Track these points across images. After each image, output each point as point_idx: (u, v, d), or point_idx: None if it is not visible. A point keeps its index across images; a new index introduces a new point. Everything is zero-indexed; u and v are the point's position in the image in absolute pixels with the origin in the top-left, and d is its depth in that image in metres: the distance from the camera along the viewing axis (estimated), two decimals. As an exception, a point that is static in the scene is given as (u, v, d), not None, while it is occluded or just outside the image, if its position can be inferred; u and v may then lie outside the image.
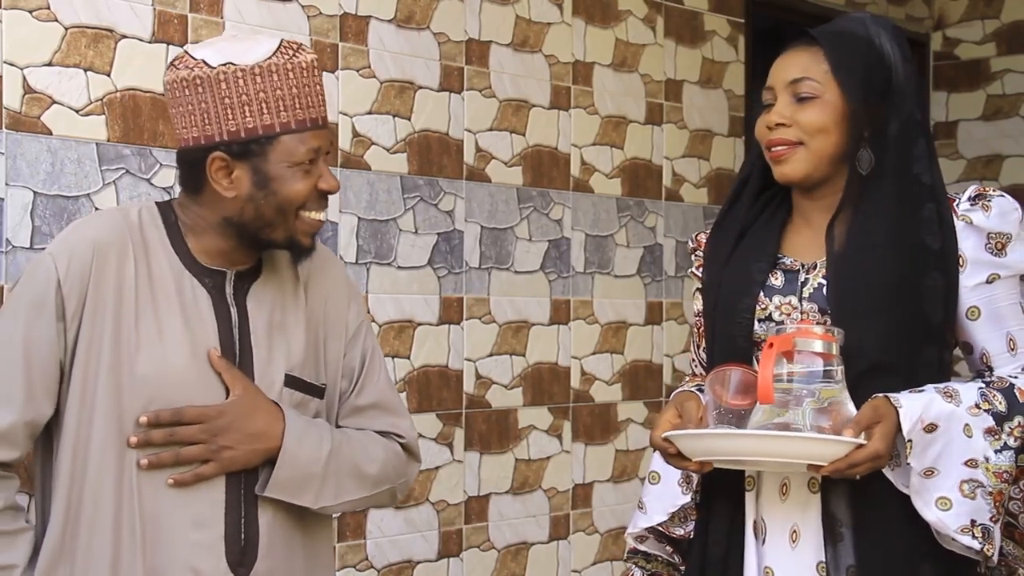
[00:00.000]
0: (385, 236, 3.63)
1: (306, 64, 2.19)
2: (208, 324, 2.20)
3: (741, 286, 2.27)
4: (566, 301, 4.13)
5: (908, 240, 2.20)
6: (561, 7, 4.11)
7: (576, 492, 4.17)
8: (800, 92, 2.23)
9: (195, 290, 2.21)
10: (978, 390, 2.17)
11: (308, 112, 2.19)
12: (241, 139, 2.16)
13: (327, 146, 2.24)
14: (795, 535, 2.21)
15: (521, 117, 3.99)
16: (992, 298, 2.23)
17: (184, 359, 2.16)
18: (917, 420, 2.10)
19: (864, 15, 2.32)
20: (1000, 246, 2.22)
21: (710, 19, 4.61)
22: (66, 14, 2.97)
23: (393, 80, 3.65)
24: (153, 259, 2.20)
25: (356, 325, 2.39)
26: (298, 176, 2.18)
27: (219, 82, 2.15)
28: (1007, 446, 2.15)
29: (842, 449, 2.04)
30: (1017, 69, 5.49)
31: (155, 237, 2.22)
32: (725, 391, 2.17)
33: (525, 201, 4.00)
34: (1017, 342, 2.24)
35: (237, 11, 3.28)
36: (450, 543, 3.81)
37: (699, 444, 2.13)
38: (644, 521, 2.39)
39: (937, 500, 2.12)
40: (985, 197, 2.24)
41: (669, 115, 4.47)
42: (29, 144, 2.91)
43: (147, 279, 2.18)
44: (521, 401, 4.00)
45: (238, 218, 2.19)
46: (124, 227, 2.20)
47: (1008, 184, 5.48)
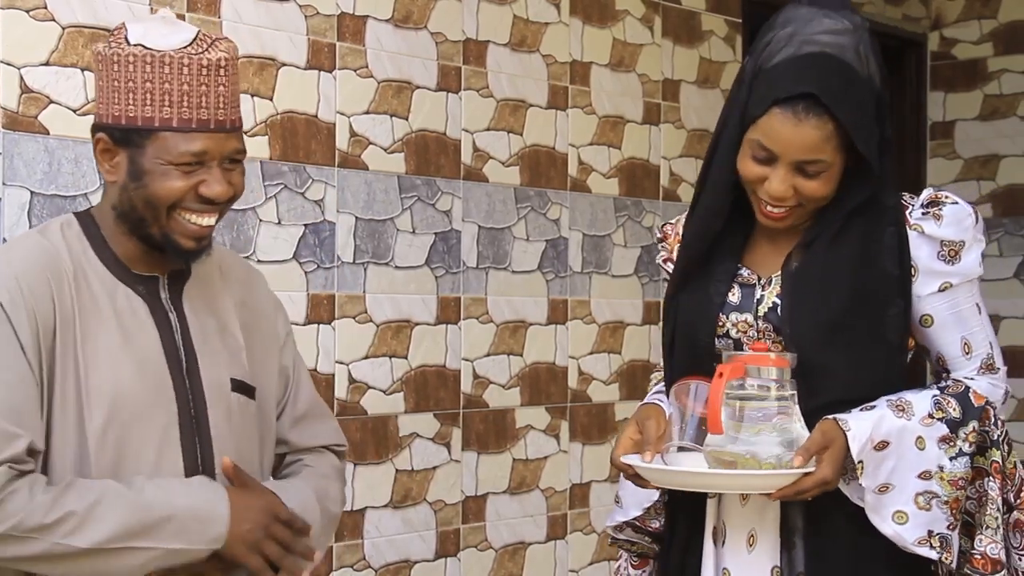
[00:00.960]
0: (382, 236, 3.63)
1: (208, 62, 2.09)
2: (149, 333, 2.14)
3: (701, 308, 2.27)
4: (563, 301, 4.13)
5: (869, 271, 2.20)
6: (558, 7, 4.11)
7: (573, 492, 4.17)
8: (808, 169, 2.16)
9: (131, 300, 2.14)
10: (932, 398, 2.19)
11: (197, 112, 2.08)
12: (121, 126, 2.08)
13: (222, 151, 2.11)
14: (752, 539, 2.24)
15: (518, 117, 3.99)
16: (944, 306, 2.23)
17: (131, 373, 2.10)
18: (866, 440, 2.11)
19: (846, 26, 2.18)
20: (953, 253, 2.22)
21: (707, 19, 4.61)
22: (63, 14, 2.97)
23: (390, 80, 3.65)
24: (85, 277, 2.12)
25: (285, 334, 2.35)
26: (173, 175, 2.08)
27: (117, 63, 2.07)
28: (962, 452, 2.17)
29: (790, 479, 2.08)
30: (1014, 69, 5.49)
31: (81, 252, 2.14)
32: (690, 401, 2.19)
33: (522, 201, 4.00)
34: (972, 345, 2.25)
35: (234, 11, 3.28)
36: (447, 543, 3.81)
37: (658, 476, 2.18)
38: (620, 515, 2.43)
39: (894, 514, 2.14)
40: (938, 204, 2.23)
41: (666, 115, 4.47)
42: (26, 144, 2.91)
43: (84, 298, 2.10)
44: (518, 401, 4.00)
45: (119, 207, 2.12)
46: (52, 249, 2.11)
47: (1005, 184, 5.49)
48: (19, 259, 2.09)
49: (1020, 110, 5.48)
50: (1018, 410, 5.38)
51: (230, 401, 2.20)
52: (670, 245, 2.43)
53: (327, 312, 3.51)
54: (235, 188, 2.14)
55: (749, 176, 2.20)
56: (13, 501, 1.99)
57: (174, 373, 2.15)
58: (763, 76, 2.18)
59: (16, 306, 2.03)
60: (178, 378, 2.15)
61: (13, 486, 1.99)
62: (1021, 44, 5.48)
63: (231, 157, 2.12)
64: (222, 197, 2.10)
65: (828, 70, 2.14)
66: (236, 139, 2.14)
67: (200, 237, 2.12)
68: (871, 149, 2.16)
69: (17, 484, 2.00)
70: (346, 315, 3.55)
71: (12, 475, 2.00)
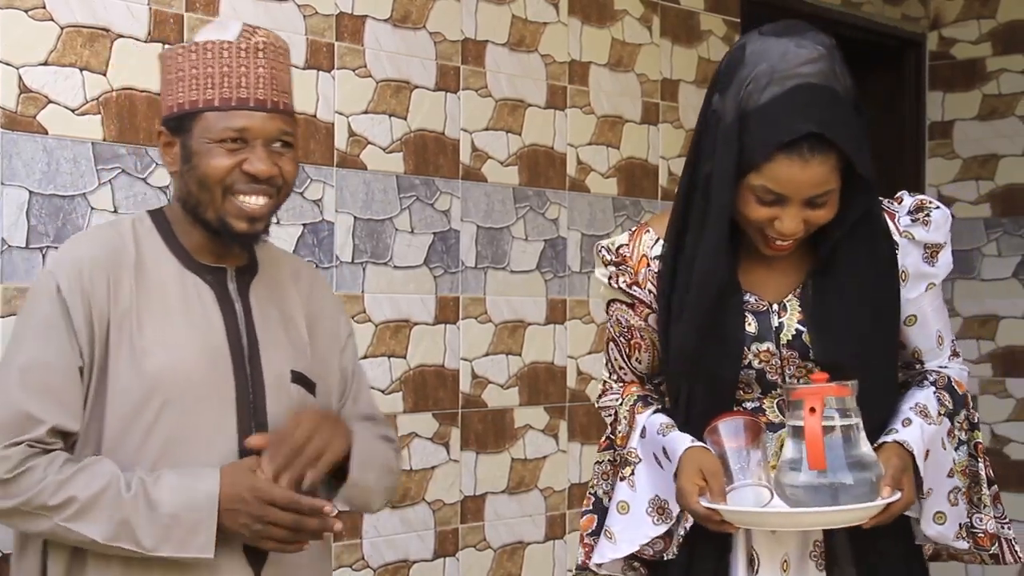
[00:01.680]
0: (381, 235, 3.63)
1: (247, 46, 2.21)
2: (214, 320, 2.23)
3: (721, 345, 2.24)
4: (562, 300, 4.13)
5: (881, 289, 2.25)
6: (557, 7, 4.11)
7: (572, 492, 4.17)
8: (817, 202, 2.16)
9: (199, 288, 2.24)
10: (934, 396, 2.28)
11: (236, 91, 2.20)
12: (174, 114, 2.22)
13: (267, 132, 2.21)
14: (785, 564, 2.25)
15: (517, 117, 3.99)
16: (927, 304, 2.33)
17: (193, 357, 2.19)
18: (922, 456, 2.20)
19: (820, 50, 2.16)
20: (934, 255, 2.30)
21: (706, 18, 4.61)
22: (62, 13, 2.97)
23: (389, 79, 3.65)
24: (153, 265, 2.22)
25: (346, 335, 2.43)
26: (217, 153, 2.20)
27: (171, 58, 2.24)
28: (961, 441, 2.29)
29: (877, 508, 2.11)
30: (1013, 69, 5.49)
31: (151, 243, 2.25)
32: (735, 441, 2.19)
33: (521, 201, 4.00)
34: (944, 336, 2.36)
35: (233, 10, 3.28)
36: (446, 543, 3.81)
37: (752, 519, 2.16)
38: (612, 552, 2.36)
39: (935, 516, 2.23)
40: (924, 211, 2.29)
41: (665, 115, 4.47)
42: (25, 143, 2.91)
43: (147, 286, 2.20)
44: (517, 400, 4.00)
45: (181, 195, 2.25)
46: (117, 240, 2.23)
47: (1004, 184, 5.49)
48: (84, 247, 2.22)
49: (1019, 110, 5.48)
50: (1017, 409, 5.38)
51: (290, 392, 2.27)
52: (634, 268, 2.37)
53: (326, 312, 3.51)
54: (283, 171, 2.24)
55: (757, 218, 2.18)
56: (27, 478, 2.10)
57: (236, 361, 2.23)
58: (754, 119, 2.14)
59: (73, 291, 2.15)
60: (239, 366, 2.23)
61: (30, 463, 2.10)
62: (1020, 44, 5.48)
63: (279, 139, 2.23)
64: (264, 174, 2.20)
65: (821, 103, 2.12)
66: (281, 121, 2.24)
67: (252, 218, 2.22)
68: (868, 167, 2.17)
69: (34, 462, 2.11)
70: (345, 315, 3.55)
71: (30, 453, 2.10)
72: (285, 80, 2.26)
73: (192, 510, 2.12)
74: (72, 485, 2.10)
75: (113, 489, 2.10)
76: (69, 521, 2.10)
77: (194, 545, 2.12)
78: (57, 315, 2.14)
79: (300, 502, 2.16)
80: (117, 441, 2.15)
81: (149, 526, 2.10)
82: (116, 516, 2.10)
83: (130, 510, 2.10)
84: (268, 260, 2.34)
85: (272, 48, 2.24)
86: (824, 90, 2.13)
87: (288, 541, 2.18)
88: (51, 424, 2.12)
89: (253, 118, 2.20)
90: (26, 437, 2.10)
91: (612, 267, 2.39)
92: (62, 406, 2.13)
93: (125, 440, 2.15)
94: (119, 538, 2.11)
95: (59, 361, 2.13)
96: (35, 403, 2.12)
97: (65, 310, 2.14)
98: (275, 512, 2.15)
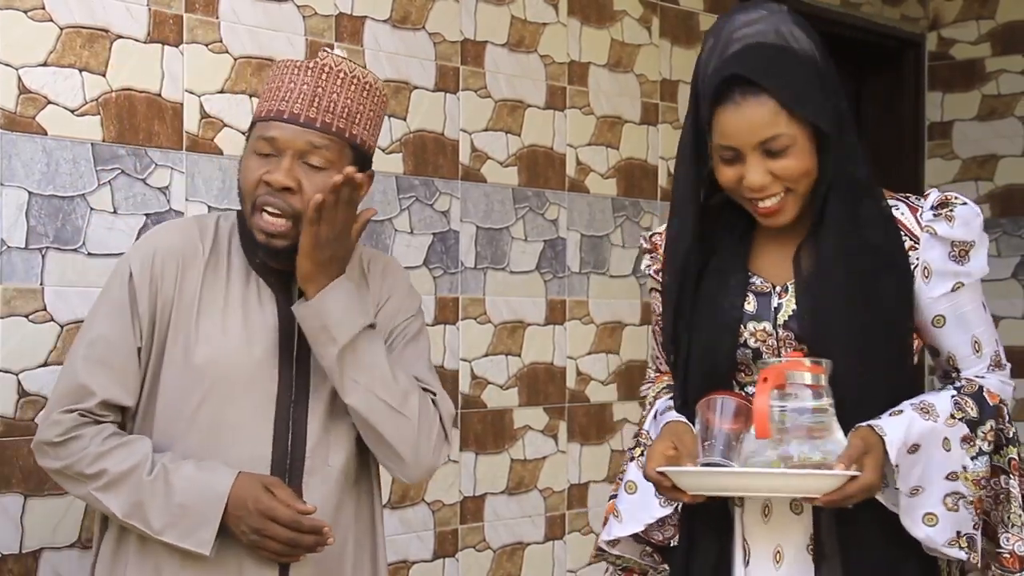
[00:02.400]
0: (381, 237, 3.63)
1: (307, 66, 2.30)
2: (270, 321, 2.31)
3: (719, 322, 2.26)
4: (561, 301, 4.13)
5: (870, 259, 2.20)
6: (556, 7, 4.11)
7: (572, 492, 4.17)
8: (772, 148, 2.17)
9: (260, 289, 2.33)
10: (951, 399, 2.20)
11: (279, 104, 2.28)
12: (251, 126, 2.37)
13: (297, 145, 2.27)
14: (779, 555, 2.24)
15: (516, 117, 3.99)
16: (957, 305, 2.25)
17: (239, 353, 2.28)
18: (901, 445, 2.13)
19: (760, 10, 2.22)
20: (963, 253, 2.23)
21: (706, 19, 4.61)
22: (61, 14, 2.97)
23: (389, 80, 3.65)
24: (225, 261, 2.34)
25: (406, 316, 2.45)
26: (251, 162, 2.30)
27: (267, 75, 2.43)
28: (982, 451, 2.19)
29: (836, 482, 2.07)
30: (1012, 69, 5.49)
31: (230, 241, 2.36)
32: (715, 416, 2.19)
33: (521, 201, 4.00)
34: (982, 343, 2.28)
35: (233, 11, 3.28)
36: (446, 543, 3.81)
37: (698, 481, 2.15)
38: (619, 530, 2.38)
39: (924, 517, 2.16)
40: (948, 206, 2.24)
41: (664, 115, 4.47)
42: (24, 144, 2.91)
43: (214, 280, 2.31)
44: (517, 401, 4.00)
45: None
46: (195, 233, 2.35)
47: (1003, 184, 5.49)
48: (163, 237, 2.37)
49: (1018, 110, 5.48)
50: (1018, 409, 5.38)
51: (337, 402, 2.33)
52: (660, 255, 2.42)
53: (325, 312, 3.51)
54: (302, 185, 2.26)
55: (728, 182, 2.21)
56: (74, 444, 2.26)
57: (282, 358, 2.31)
58: (702, 90, 2.23)
59: (143, 278, 2.30)
60: (285, 363, 2.31)
61: (79, 431, 2.26)
62: (1019, 44, 5.48)
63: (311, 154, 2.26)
64: (277, 184, 2.26)
65: (751, 55, 2.16)
66: (316, 136, 2.27)
67: (269, 233, 2.27)
68: (822, 117, 2.16)
69: (83, 430, 2.27)
70: (344, 315, 3.55)
71: (80, 421, 2.27)
72: (345, 106, 2.29)
73: (201, 503, 2.22)
74: (108, 458, 2.24)
75: (140, 469, 2.22)
76: (99, 491, 2.24)
77: (195, 538, 2.22)
78: (125, 299, 2.29)
79: (302, 523, 2.23)
80: (167, 423, 2.28)
81: (160, 510, 2.22)
82: (134, 496, 2.22)
83: (147, 493, 2.22)
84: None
85: (342, 74, 2.30)
86: (758, 45, 2.16)
87: (283, 554, 2.26)
88: (102, 397, 2.27)
89: (284, 129, 2.27)
90: (79, 406, 2.26)
91: (647, 255, 2.46)
92: (117, 382, 2.28)
93: (172, 424, 2.28)
94: (132, 516, 2.23)
95: (121, 340, 2.28)
96: (92, 376, 2.27)
97: (133, 295, 2.29)
98: (274, 528, 2.22)
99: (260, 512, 2.21)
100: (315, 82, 2.28)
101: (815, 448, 2.10)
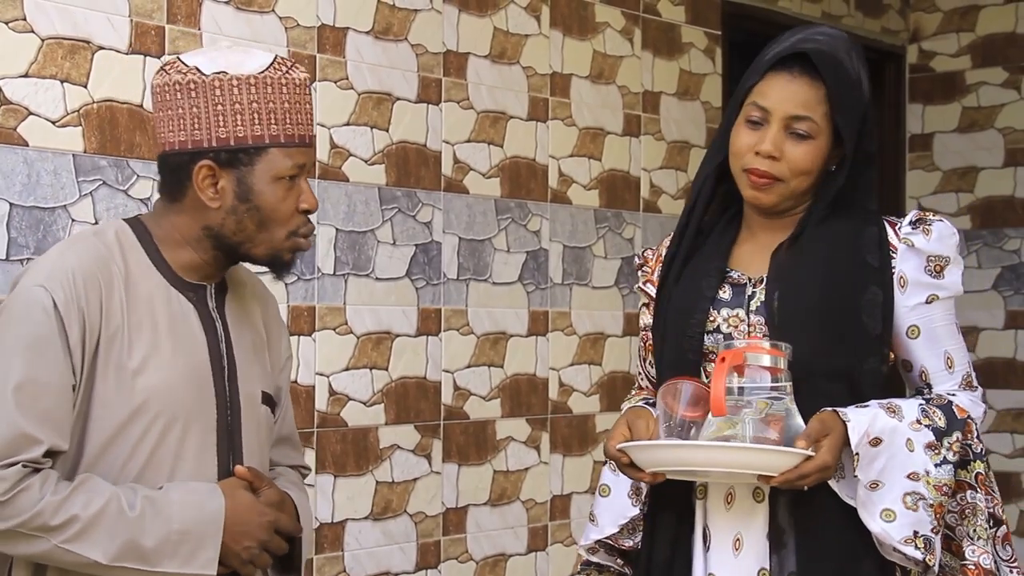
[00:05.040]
0: (363, 247, 3.62)
1: (299, 81, 2.21)
2: (198, 339, 2.21)
3: (691, 301, 2.33)
4: (544, 312, 4.13)
5: (849, 258, 2.27)
6: (539, 19, 4.12)
7: (554, 503, 4.17)
8: (798, 129, 2.26)
9: (182, 305, 2.20)
10: (919, 406, 2.24)
11: (297, 128, 2.20)
12: (230, 147, 2.15)
13: (310, 165, 2.25)
14: (738, 543, 2.26)
15: (499, 129, 4.00)
16: (930, 318, 2.30)
17: (181, 376, 2.16)
18: (864, 434, 2.16)
19: (840, 34, 2.33)
20: (938, 268, 2.29)
21: (687, 31, 4.62)
22: (42, 25, 2.97)
23: (371, 91, 3.65)
24: (138, 281, 2.17)
25: (286, 357, 2.43)
26: (279, 192, 2.18)
27: (213, 89, 2.15)
28: (946, 460, 2.22)
29: (792, 460, 2.11)
30: (992, 82, 5.52)
31: (135, 258, 2.19)
32: (677, 403, 2.22)
33: (503, 212, 4.01)
34: (954, 360, 2.32)
35: (214, 22, 3.27)
36: (428, 555, 3.81)
37: (652, 455, 2.18)
38: (595, 533, 2.42)
39: (882, 512, 2.18)
40: (925, 221, 2.32)
41: (646, 127, 4.48)
42: (5, 155, 2.91)
43: (135, 299, 2.16)
44: (499, 412, 4.00)
45: (219, 229, 2.18)
46: (104, 251, 2.16)
47: (983, 196, 5.51)
48: (75, 258, 2.14)
49: (998, 122, 5.50)
50: (996, 421, 5.40)
51: (259, 413, 2.28)
52: (651, 267, 2.48)
53: (308, 324, 3.51)
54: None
55: (741, 145, 2.29)
56: (24, 497, 2.05)
57: (217, 381, 2.22)
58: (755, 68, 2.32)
59: (70, 306, 2.09)
60: (220, 386, 2.22)
61: (25, 483, 2.05)
62: (999, 57, 5.51)
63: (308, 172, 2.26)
64: (315, 208, 2.24)
65: (824, 52, 2.27)
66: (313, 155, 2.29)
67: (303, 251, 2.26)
68: (848, 133, 2.27)
69: (29, 481, 2.05)
70: (327, 327, 3.55)
71: (25, 472, 2.05)
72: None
73: (200, 525, 2.12)
74: (72, 504, 2.05)
75: (115, 507, 2.07)
76: (70, 542, 2.05)
77: (199, 560, 2.11)
78: (53, 331, 2.07)
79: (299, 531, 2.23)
80: (98, 458, 2.12)
81: (158, 542, 2.09)
82: (121, 536, 2.07)
83: (136, 529, 2.08)
84: (234, 278, 2.32)
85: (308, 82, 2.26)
86: (829, 52, 2.27)
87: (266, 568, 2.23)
88: (48, 445, 2.06)
89: (307, 154, 2.23)
90: (22, 457, 2.04)
91: (639, 271, 2.52)
92: (57, 426, 2.08)
93: (107, 457, 2.13)
94: (123, 557, 2.07)
95: (54, 380, 2.07)
96: (32, 423, 2.05)
97: (61, 326, 2.08)
98: (276, 540, 2.20)
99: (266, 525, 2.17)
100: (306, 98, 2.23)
101: (772, 429, 2.13)
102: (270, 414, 2.31)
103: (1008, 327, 5.40)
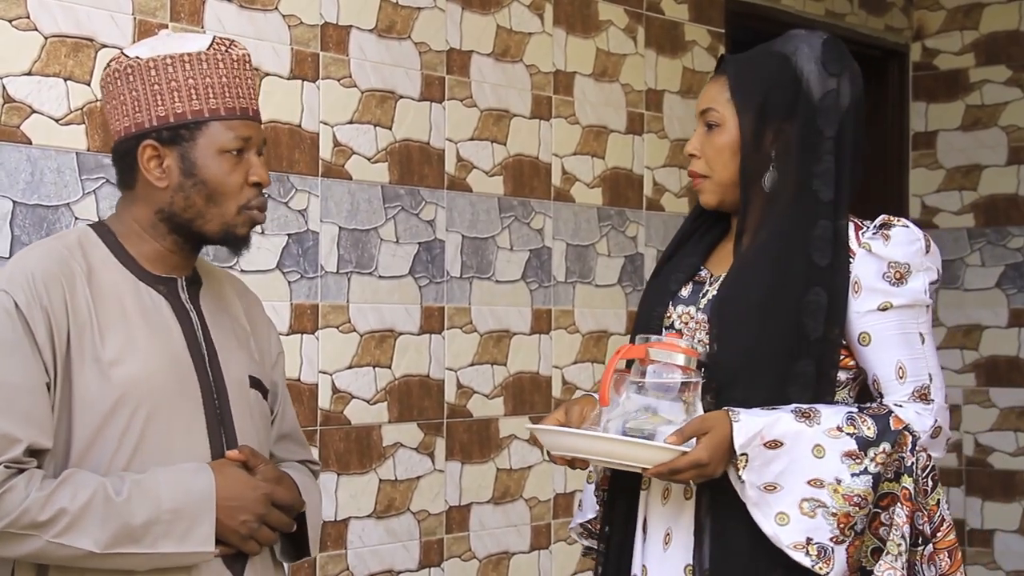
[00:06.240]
0: (366, 246, 3.62)
1: (236, 56, 2.23)
2: (173, 328, 2.22)
3: (658, 296, 2.39)
4: (547, 311, 4.13)
5: (793, 256, 2.26)
6: (542, 17, 4.12)
7: (557, 502, 4.17)
8: (708, 120, 2.35)
9: (152, 297, 2.21)
10: (846, 414, 2.21)
11: (238, 101, 2.21)
12: (170, 124, 2.18)
13: (258, 140, 2.24)
14: (668, 537, 2.29)
15: (502, 127, 4.00)
16: (883, 326, 2.26)
17: (159, 364, 2.17)
18: (755, 436, 2.16)
19: (801, 32, 2.38)
20: (899, 276, 2.25)
21: (691, 29, 4.62)
22: (46, 23, 2.97)
23: (374, 90, 3.65)
24: (103, 277, 2.18)
25: (277, 353, 2.44)
26: (225, 165, 2.19)
27: (149, 70, 2.18)
28: (867, 471, 2.18)
29: (663, 455, 2.14)
30: (996, 80, 5.52)
31: (99, 256, 2.20)
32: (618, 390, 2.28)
33: (506, 211, 4.01)
34: (907, 371, 2.27)
35: (218, 20, 3.27)
36: (431, 553, 3.81)
37: (548, 439, 2.28)
38: (579, 517, 2.53)
39: (776, 515, 2.18)
40: (888, 227, 2.28)
41: (650, 125, 4.47)
42: (8, 153, 2.91)
43: (102, 296, 2.16)
44: (502, 411, 4.00)
45: (169, 208, 2.20)
46: (65, 253, 2.17)
47: (987, 194, 5.51)
48: (34, 261, 2.16)
49: (1002, 120, 5.50)
50: (999, 420, 5.40)
51: (249, 396, 2.28)
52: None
53: (311, 322, 3.51)
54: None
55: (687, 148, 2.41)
56: (10, 497, 2.05)
57: (198, 367, 2.22)
58: None
59: (32, 307, 2.10)
60: (202, 372, 2.23)
61: (10, 483, 2.05)
62: (1002, 55, 5.51)
63: (259, 149, 2.25)
64: (267, 182, 2.23)
65: (753, 51, 2.37)
66: (262, 130, 2.27)
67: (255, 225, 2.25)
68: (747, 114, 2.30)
69: (14, 481, 2.05)
70: (330, 325, 3.55)
71: (8, 473, 2.05)
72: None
73: (192, 502, 2.12)
74: (58, 498, 2.06)
75: (101, 495, 2.08)
76: (61, 536, 2.06)
77: (195, 537, 2.11)
78: (19, 333, 2.08)
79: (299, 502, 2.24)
80: (86, 451, 2.13)
81: (150, 523, 2.09)
82: (112, 522, 2.08)
83: (127, 514, 2.08)
84: (208, 273, 2.35)
85: (250, 59, 2.27)
86: (762, 55, 2.35)
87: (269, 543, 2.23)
88: (28, 443, 2.07)
89: (251, 127, 2.22)
90: (3, 458, 2.05)
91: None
92: (36, 424, 2.08)
93: (95, 450, 2.13)
94: (117, 543, 2.08)
95: (26, 380, 2.08)
96: (9, 423, 2.06)
97: (27, 327, 2.08)
98: (275, 512, 2.20)
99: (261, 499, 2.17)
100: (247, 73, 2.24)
101: (670, 426, 2.16)
102: (261, 398, 2.32)
103: (1012, 325, 5.39)
